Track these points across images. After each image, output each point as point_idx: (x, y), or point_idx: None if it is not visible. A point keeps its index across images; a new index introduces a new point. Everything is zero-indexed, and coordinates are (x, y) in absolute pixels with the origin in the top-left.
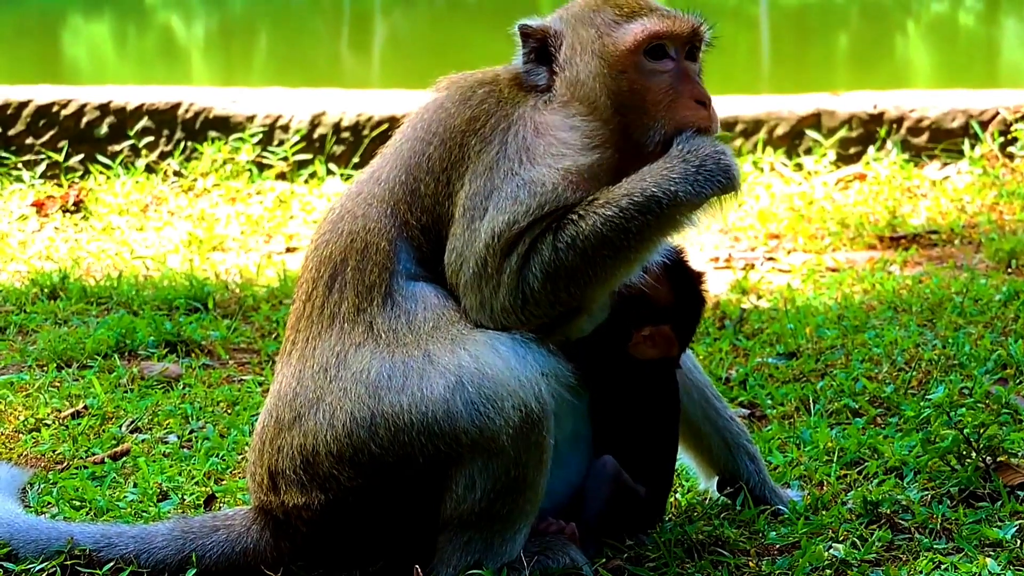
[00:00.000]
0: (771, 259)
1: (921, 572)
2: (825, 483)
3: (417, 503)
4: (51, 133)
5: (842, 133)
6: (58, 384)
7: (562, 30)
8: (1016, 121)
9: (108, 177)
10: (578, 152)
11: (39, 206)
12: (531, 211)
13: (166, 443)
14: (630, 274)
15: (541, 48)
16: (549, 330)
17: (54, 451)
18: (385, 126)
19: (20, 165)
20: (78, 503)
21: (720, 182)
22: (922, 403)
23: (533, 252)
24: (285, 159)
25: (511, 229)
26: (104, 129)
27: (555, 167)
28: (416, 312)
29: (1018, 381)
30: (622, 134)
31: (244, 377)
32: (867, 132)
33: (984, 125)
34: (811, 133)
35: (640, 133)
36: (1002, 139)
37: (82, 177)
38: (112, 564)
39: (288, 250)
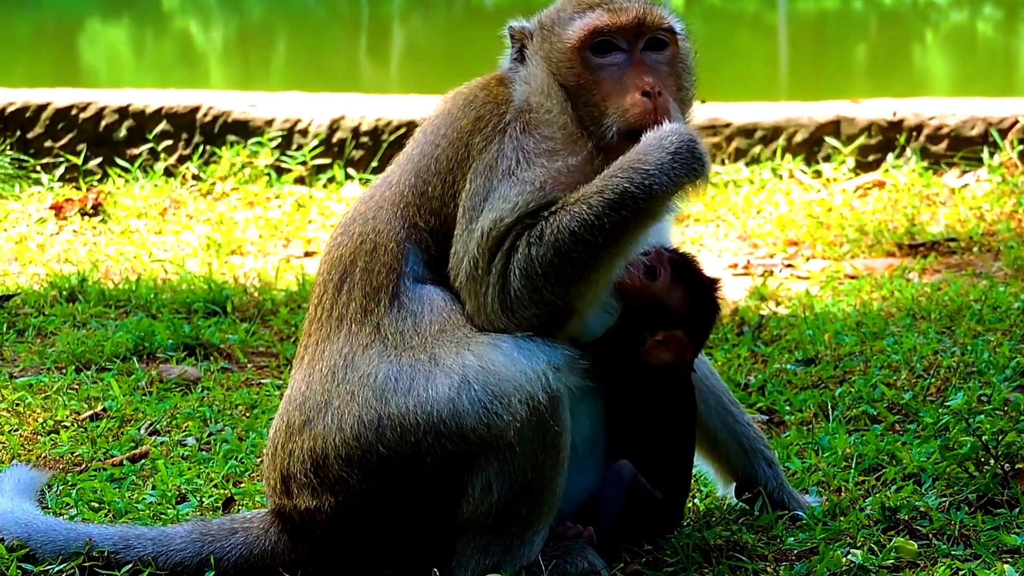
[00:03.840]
0: (790, 266)
1: None
2: (843, 489)
3: (431, 505)
4: (70, 136)
5: (861, 140)
6: (77, 386)
7: (534, 30)
8: None
9: (127, 180)
10: (563, 145)
11: (58, 209)
12: (517, 208)
13: (184, 446)
14: (612, 270)
15: (521, 48)
16: (545, 333)
17: (73, 453)
18: (403, 131)
19: (39, 168)
20: (96, 505)
21: (695, 170)
22: (940, 410)
23: (512, 251)
24: (304, 163)
25: (497, 227)
26: (123, 132)
27: (547, 166)
28: (423, 314)
29: None
30: (584, 128)
31: (262, 380)
32: (886, 140)
33: (1003, 133)
34: (830, 140)
35: (594, 128)
36: (1021, 147)
37: (101, 180)
38: (130, 566)
39: (306, 254)
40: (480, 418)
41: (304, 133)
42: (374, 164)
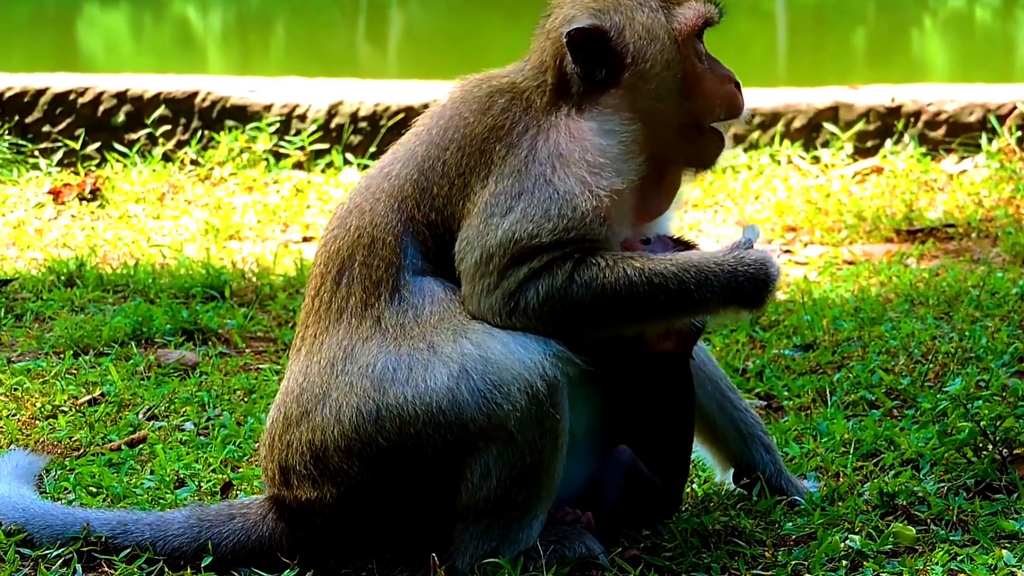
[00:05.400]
0: (788, 251)
1: (937, 564)
2: (841, 474)
3: (432, 493)
4: (68, 121)
5: (859, 126)
6: (75, 371)
7: (617, 22)
8: None
9: (125, 165)
10: (613, 163)
11: (56, 194)
12: (557, 231)
13: (183, 431)
14: (626, 333)
15: (598, 46)
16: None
17: (71, 438)
18: (402, 116)
19: (37, 153)
20: (94, 490)
21: (750, 302)
22: (939, 395)
23: (547, 272)
24: (302, 148)
25: (531, 241)
26: (121, 117)
27: (590, 187)
28: (423, 306)
29: None
30: (668, 134)
31: (261, 365)
32: (884, 125)
33: (1001, 119)
34: (828, 126)
35: (700, 117)
36: (1020, 133)
37: (99, 165)
38: (128, 551)
39: (305, 239)
40: (480, 408)
41: (302, 118)
42: (372, 149)
